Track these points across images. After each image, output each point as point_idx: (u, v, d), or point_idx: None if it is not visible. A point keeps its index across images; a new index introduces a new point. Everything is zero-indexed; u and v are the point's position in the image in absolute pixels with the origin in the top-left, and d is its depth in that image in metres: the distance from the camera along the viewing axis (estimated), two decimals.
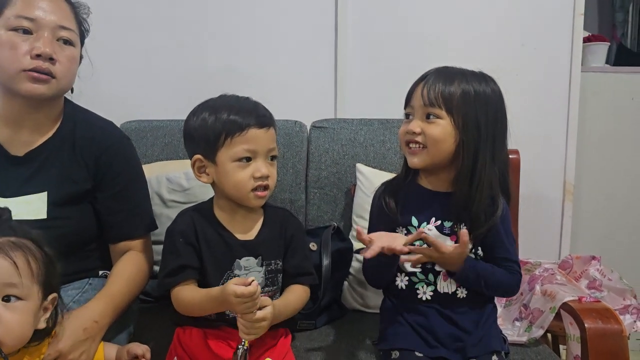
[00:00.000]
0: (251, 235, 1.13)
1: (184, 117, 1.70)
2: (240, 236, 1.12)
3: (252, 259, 1.10)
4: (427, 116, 1.10)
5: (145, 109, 1.81)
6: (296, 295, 1.14)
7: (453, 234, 1.13)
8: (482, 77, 1.13)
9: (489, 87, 1.12)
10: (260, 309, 0.96)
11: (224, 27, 1.86)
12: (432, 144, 1.09)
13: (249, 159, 1.07)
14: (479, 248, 1.14)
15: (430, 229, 1.13)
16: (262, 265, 1.11)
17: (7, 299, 0.80)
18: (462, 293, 1.13)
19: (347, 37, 1.85)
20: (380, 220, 1.18)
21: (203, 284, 1.09)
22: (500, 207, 1.12)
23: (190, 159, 1.12)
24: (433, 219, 1.14)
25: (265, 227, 1.14)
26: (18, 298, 0.81)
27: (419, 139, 1.10)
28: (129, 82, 1.87)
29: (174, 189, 1.54)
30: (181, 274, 1.07)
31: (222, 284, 1.07)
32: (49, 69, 1.06)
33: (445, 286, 1.13)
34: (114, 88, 1.85)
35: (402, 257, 1.09)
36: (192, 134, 1.11)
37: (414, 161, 1.12)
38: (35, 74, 1.05)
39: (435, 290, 1.13)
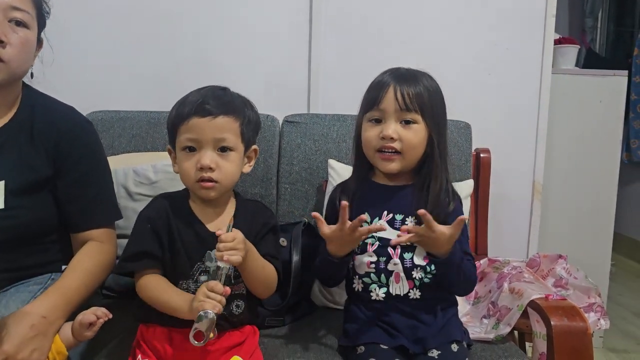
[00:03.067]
0: (222, 226, 1.09)
1: (153, 109, 1.69)
2: (212, 227, 1.09)
3: None
4: (403, 121, 1.11)
5: (113, 100, 1.76)
6: (268, 265, 1.10)
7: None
8: (429, 75, 1.17)
9: (435, 83, 1.17)
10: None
11: (197, 19, 1.83)
12: (408, 150, 1.11)
13: (192, 149, 1.06)
14: None
15: (382, 224, 1.14)
16: None
17: None
18: (414, 294, 1.14)
19: (322, 32, 1.83)
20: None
21: (173, 273, 1.06)
22: (454, 202, 1.15)
23: None
24: (385, 212, 1.16)
25: (237, 220, 1.10)
26: None
27: (395, 145, 1.11)
28: (97, 71, 1.82)
29: (141, 181, 1.50)
30: (140, 261, 1.06)
31: (192, 274, 1.06)
32: None
33: (398, 288, 1.14)
34: (81, 77, 1.80)
35: (393, 240, 1.06)
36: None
37: (391, 167, 1.13)
38: None
39: (387, 292, 1.14)
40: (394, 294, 1.14)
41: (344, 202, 1.04)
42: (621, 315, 2.62)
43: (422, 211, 1.01)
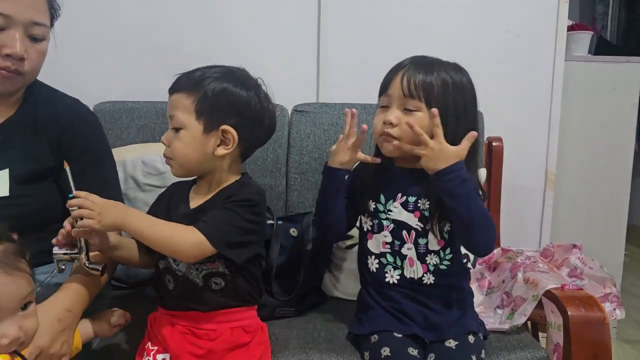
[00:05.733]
0: (198, 203, 1.08)
1: (160, 99, 1.67)
2: (192, 205, 1.08)
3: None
4: (406, 107, 1.10)
5: (120, 90, 1.74)
6: (178, 227, 0.99)
7: (416, 209, 1.15)
8: (457, 68, 1.15)
9: (464, 77, 1.14)
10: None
11: (203, 7, 1.81)
12: (406, 136, 1.09)
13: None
14: (447, 224, 1.14)
15: (396, 207, 1.16)
16: None
17: (24, 307, 0.78)
18: (428, 279, 1.14)
19: (330, 20, 1.81)
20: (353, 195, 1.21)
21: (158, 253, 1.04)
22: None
23: None
24: (399, 194, 1.16)
25: (218, 195, 1.07)
26: (32, 302, 0.80)
27: (394, 130, 1.10)
28: (103, 61, 1.80)
29: (150, 172, 1.50)
30: None
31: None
32: (17, 69, 1.03)
33: (412, 272, 1.15)
34: (87, 68, 1.79)
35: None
36: None
37: (390, 150, 1.12)
38: (4, 72, 1.01)
39: (401, 275, 1.15)
40: (407, 277, 1.15)
41: (354, 110, 1.15)
42: (635, 305, 2.59)
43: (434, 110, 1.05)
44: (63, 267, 0.97)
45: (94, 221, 0.91)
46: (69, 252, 0.97)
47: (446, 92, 1.09)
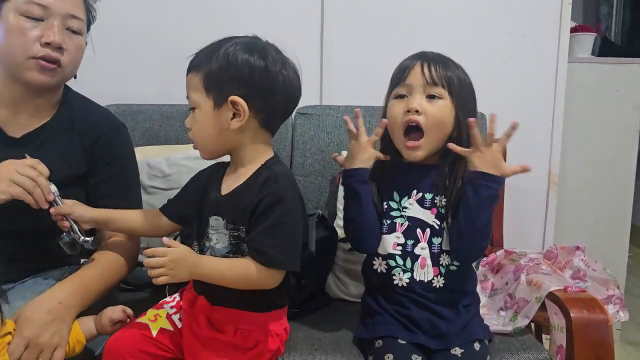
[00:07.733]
0: (226, 191, 1.03)
1: (165, 102, 1.69)
2: (223, 190, 1.04)
3: (220, 219, 1.01)
4: (429, 96, 1.09)
5: (125, 93, 1.75)
6: (238, 265, 0.98)
7: (433, 206, 1.14)
8: (461, 67, 1.16)
9: (468, 78, 1.16)
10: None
11: (207, 10, 1.82)
12: (433, 125, 1.09)
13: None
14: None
15: (411, 204, 1.14)
16: (227, 229, 1.00)
17: None
18: (438, 282, 1.13)
19: (333, 23, 1.82)
20: None
21: (194, 233, 1.05)
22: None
23: None
24: (414, 191, 1.15)
25: (244, 186, 1.01)
26: None
27: (419, 118, 1.08)
28: (108, 64, 1.80)
29: (155, 174, 1.51)
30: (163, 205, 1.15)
31: (199, 243, 1.05)
32: (57, 58, 1.06)
33: (422, 274, 1.13)
34: (91, 71, 1.76)
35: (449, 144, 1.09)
36: None
37: (416, 155, 1.11)
38: (44, 63, 1.06)
39: (411, 278, 1.13)
40: (417, 280, 1.12)
41: (357, 110, 1.14)
42: (639, 307, 2.58)
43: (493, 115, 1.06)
44: (73, 249, 1.08)
45: (167, 277, 0.93)
46: (68, 235, 1.07)
47: (461, 89, 1.11)
